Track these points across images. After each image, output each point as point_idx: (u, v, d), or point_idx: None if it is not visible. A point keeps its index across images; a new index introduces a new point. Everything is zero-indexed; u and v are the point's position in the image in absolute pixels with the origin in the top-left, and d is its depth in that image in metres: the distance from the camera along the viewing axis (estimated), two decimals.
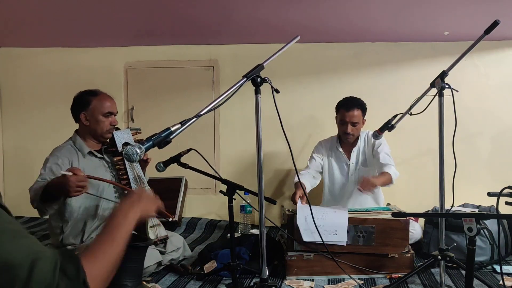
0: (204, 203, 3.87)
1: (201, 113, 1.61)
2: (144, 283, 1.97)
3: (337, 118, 2.97)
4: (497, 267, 2.49)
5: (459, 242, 2.54)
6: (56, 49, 3.90)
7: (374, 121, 2.91)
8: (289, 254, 2.42)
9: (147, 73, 3.89)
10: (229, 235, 2.44)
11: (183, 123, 1.57)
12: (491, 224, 2.57)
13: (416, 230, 2.88)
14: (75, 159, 2.33)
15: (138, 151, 1.43)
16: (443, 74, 2.13)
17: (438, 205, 2.23)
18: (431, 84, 2.20)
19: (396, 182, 2.80)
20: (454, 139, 2.16)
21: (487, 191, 1.89)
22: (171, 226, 3.40)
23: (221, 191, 2.24)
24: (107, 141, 2.44)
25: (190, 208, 3.85)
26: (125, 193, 2.33)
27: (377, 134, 2.53)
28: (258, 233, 2.23)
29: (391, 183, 2.75)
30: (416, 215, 2.87)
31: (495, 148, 3.64)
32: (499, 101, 3.61)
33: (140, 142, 1.58)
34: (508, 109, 3.61)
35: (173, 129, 1.54)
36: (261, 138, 1.81)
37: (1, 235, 0.80)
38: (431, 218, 2.83)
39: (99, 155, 2.43)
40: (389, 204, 2.98)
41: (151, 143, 1.49)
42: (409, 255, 2.43)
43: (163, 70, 3.88)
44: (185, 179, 3.74)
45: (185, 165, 2.26)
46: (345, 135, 2.93)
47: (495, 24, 1.96)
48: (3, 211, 0.84)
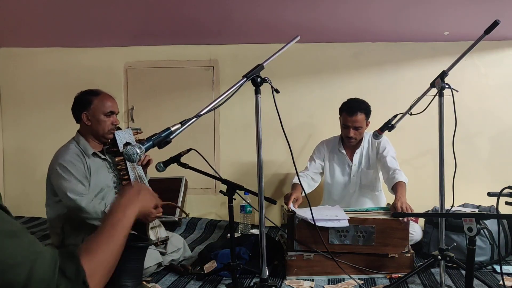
0: (204, 203, 3.86)
1: (201, 113, 1.61)
2: (144, 283, 1.97)
3: (340, 119, 2.95)
4: (497, 267, 2.49)
5: (459, 242, 2.54)
6: (56, 49, 3.90)
7: (374, 121, 2.91)
8: (289, 254, 2.42)
9: (147, 73, 3.89)
10: (229, 235, 2.44)
11: (183, 123, 1.58)
12: (491, 224, 2.57)
13: (416, 231, 2.87)
14: (84, 162, 2.33)
15: (138, 151, 1.43)
16: (443, 74, 2.13)
17: (438, 205, 2.23)
18: (431, 84, 2.20)
19: None
20: (454, 139, 2.16)
21: (487, 191, 1.89)
22: (171, 226, 3.41)
23: (221, 191, 2.24)
24: (109, 141, 2.43)
25: (190, 208, 3.85)
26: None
27: (377, 134, 2.53)
28: (258, 233, 2.23)
29: None
30: (416, 215, 2.87)
31: (495, 148, 3.64)
32: (499, 101, 3.61)
33: (141, 142, 1.58)
34: (508, 109, 3.61)
35: (173, 129, 1.54)
36: (261, 138, 1.81)
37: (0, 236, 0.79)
38: (431, 218, 2.83)
39: (103, 156, 2.43)
40: (389, 204, 2.98)
41: (151, 143, 1.49)
42: (409, 255, 2.43)
43: (163, 70, 3.88)
44: (185, 179, 3.74)
45: (185, 165, 2.26)
46: (347, 139, 2.91)
47: (495, 24, 1.96)
48: (2, 211, 0.83)
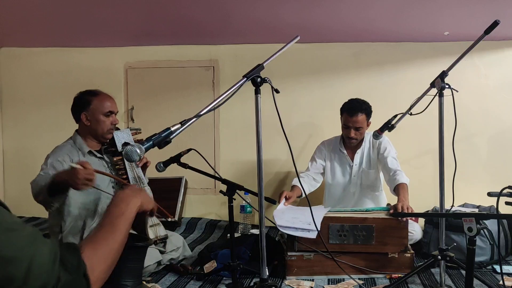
0: (204, 203, 3.86)
1: (201, 113, 1.61)
2: (144, 283, 1.97)
3: (341, 120, 2.94)
4: (497, 267, 2.49)
5: (459, 242, 2.54)
6: (56, 49, 3.90)
7: (374, 121, 2.91)
8: (289, 254, 2.43)
9: (147, 73, 3.89)
10: (229, 235, 2.44)
11: (183, 123, 1.57)
12: (491, 224, 2.58)
13: (416, 231, 2.87)
14: (76, 157, 2.34)
15: (138, 151, 1.43)
16: (443, 74, 2.13)
17: (438, 205, 2.23)
18: (431, 84, 2.20)
19: None
20: (454, 139, 2.16)
21: (487, 191, 1.89)
22: (171, 226, 3.40)
23: (221, 191, 2.24)
24: (107, 141, 2.44)
25: (190, 208, 3.85)
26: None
27: (377, 134, 2.53)
28: (258, 233, 2.23)
29: None
30: (416, 215, 2.87)
31: (495, 148, 3.64)
32: (499, 101, 3.61)
33: (140, 142, 1.58)
34: (508, 109, 3.61)
35: (173, 129, 1.54)
36: (261, 138, 1.81)
37: None
38: (431, 218, 2.83)
39: (99, 155, 2.44)
40: (389, 204, 2.98)
41: (151, 143, 1.48)
42: (409, 255, 2.43)
43: (163, 70, 3.88)
44: (185, 179, 3.75)
45: (185, 165, 2.26)
46: (348, 139, 2.91)
47: (495, 24, 1.96)
48: (1, 206, 0.82)
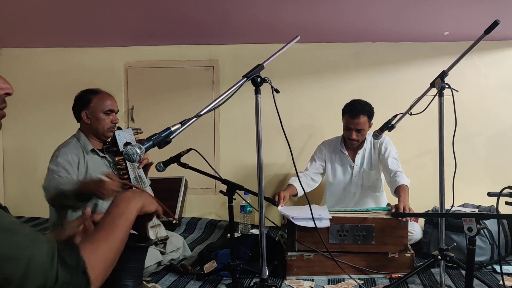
0: (204, 203, 3.86)
1: (201, 113, 1.61)
2: (144, 283, 1.97)
3: (343, 121, 2.94)
4: (497, 267, 2.49)
5: (459, 242, 2.54)
6: (56, 49, 3.90)
7: (374, 121, 2.90)
8: (289, 254, 2.43)
9: (147, 73, 3.89)
10: (229, 235, 2.44)
11: (183, 123, 1.57)
12: (491, 224, 2.57)
13: (415, 230, 2.87)
14: (81, 156, 2.35)
15: (138, 151, 1.43)
16: (443, 74, 2.13)
17: (438, 205, 2.23)
18: (431, 84, 2.20)
19: None
20: (454, 139, 2.16)
21: (487, 191, 1.89)
22: (171, 226, 3.40)
23: (221, 191, 2.23)
24: (108, 140, 2.45)
25: (190, 208, 3.85)
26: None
27: (377, 134, 2.53)
28: (258, 233, 2.23)
29: None
30: (416, 215, 2.87)
31: (495, 148, 3.64)
32: (499, 101, 3.61)
33: (141, 142, 1.58)
34: (508, 109, 3.61)
35: (173, 129, 1.54)
36: (261, 138, 1.81)
37: None
38: (431, 218, 2.83)
39: (102, 154, 2.44)
40: (389, 204, 2.98)
41: (151, 143, 1.48)
42: (409, 255, 2.44)
43: (163, 70, 3.88)
44: (185, 179, 3.74)
45: (185, 165, 2.26)
46: (350, 141, 2.91)
47: (495, 24, 1.96)
48: None
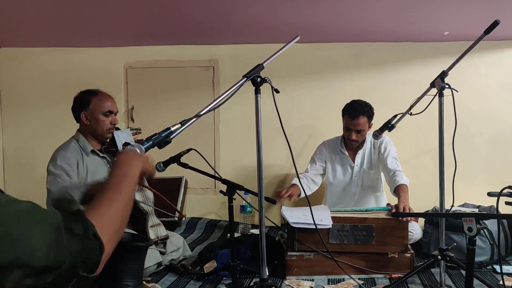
0: (204, 203, 3.86)
1: (201, 113, 1.61)
2: (144, 283, 1.97)
3: (343, 121, 2.94)
4: (497, 267, 2.49)
5: (459, 242, 2.54)
6: (56, 49, 3.89)
7: (374, 121, 2.90)
8: (289, 254, 2.43)
9: (147, 73, 3.89)
10: (229, 235, 2.44)
11: (183, 123, 1.57)
12: (491, 224, 2.57)
13: (416, 230, 2.87)
14: (80, 158, 2.35)
15: (138, 151, 1.43)
16: (443, 74, 2.13)
17: (438, 205, 2.23)
18: (431, 84, 2.20)
19: None
20: (454, 139, 2.16)
21: (487, 191, 1.90)
22: (171, 226, 3.40)
23: (221, 191, 2.24)
24: (107, 141, 2.45)
25: (190, 208, 3.85)
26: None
27: (377, 134, 2.54)
28: (258, 233, 2.23)
29: None
30: (416, 215, 2.86)
31: (495, 148, 3.64)
32: (499, 101, 3.61)
33: (140, 142, 1.58)
34: (508, 109, 3.61)
35: (173, 129, 1.54)
36: (261, 138, 1.81)
37: None
38: (431, 218, 2.83)
39: (101, 154, 2.44)
40: (389, 204, 2.98)
41: (151, 143, 1.48)
42: (409, 255, 2.44)
43: (163, 70, 3.88)
44: (185, 179, 3.74)
45: (185, 165, 2.26)
46: (350, 141, 2.91)
47: (495, 24, 1.96)
48: None
